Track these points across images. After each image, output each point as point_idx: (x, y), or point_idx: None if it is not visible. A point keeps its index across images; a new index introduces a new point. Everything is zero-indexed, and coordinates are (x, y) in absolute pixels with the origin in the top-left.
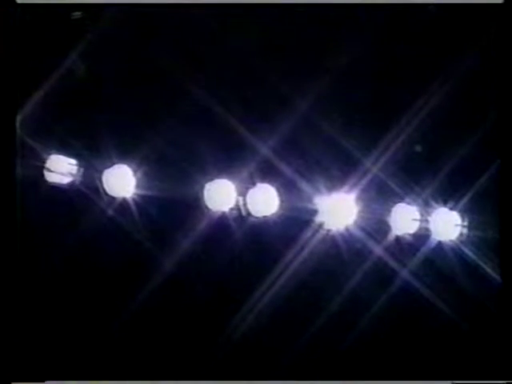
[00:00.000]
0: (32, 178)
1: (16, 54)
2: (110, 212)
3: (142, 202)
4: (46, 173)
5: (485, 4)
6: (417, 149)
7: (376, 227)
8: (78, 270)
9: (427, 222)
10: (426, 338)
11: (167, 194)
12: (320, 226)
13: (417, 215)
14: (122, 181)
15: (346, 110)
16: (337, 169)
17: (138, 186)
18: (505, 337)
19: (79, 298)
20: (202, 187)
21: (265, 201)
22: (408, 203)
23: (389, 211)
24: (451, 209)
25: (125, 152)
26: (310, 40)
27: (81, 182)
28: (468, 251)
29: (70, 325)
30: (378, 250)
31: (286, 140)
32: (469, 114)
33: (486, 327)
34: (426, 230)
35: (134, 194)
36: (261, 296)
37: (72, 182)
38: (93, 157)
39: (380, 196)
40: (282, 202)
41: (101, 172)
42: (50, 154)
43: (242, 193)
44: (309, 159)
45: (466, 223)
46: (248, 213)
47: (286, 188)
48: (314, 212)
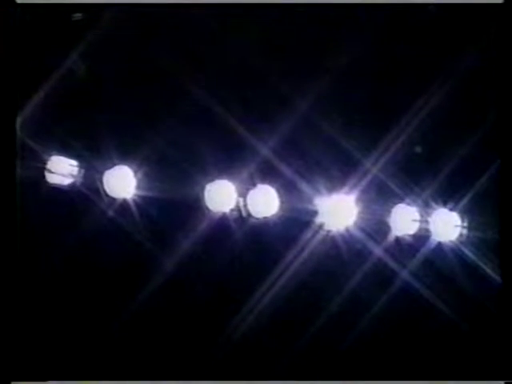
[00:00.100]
0: (33, 179)
1: (16, 54)
2: (111, 213)
3: (142, 203)
4: (46, 174)
5: (485, 4)
6: (417, 150)
7: (376, 228)
8: (78, 271)
9: (427, 222)
10: (425, 338)
11: (168, 195)
12: (320, 226)
13: (417, 216)
14: (122, 182)
15: (346, 110)
16: (337, 169)
17: (138, 186)
18: (505, 337)
19: (80, 299)
20: (203, 188)
21: (265, 202)
22: (408, 204)
23: (389, 212)
24: (451, 209)
25: (125, 153)
26: (310, 40)
27: (81, 183)
28: (468, 252)
29: (70, 325)
30: (377, 251)
31: (286, 140)
32: (469, 113)
33: (486, 327)
34: (426, 230)
35: (134, 194)
36: (261, 296)
37: (73, 183)
38: (93, 158)
39: (380, 197)
40: (282, 202)
41: (101, 173)
42: (50, 155)
43: (243, 194)
44: (309, 160)
45: (466, 224)
46: (248, 214)
47: (286, 189)
48: (314, 213)
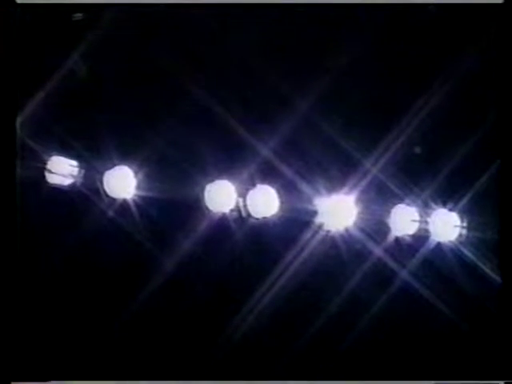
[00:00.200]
0: (33, 179)
1: (16, 54)
2: (111, 213)
3: (142, 204)
4: (46, 174)
5: (485, 4)
6: (416, 150)
7: (375, 228)
8: (78, 271)
9: (426, 223)
10: (425, 338)
11: (168, 195)
12: (320, 227)
13: (416, 216)
14: (122, 182)
15: (346, 110)
16: (336, 170)
17: (138, 187)
18: (505, 337)
19: (80, 299)
20: (203, 188)
21: (265, 202)
22: (407, 204)
23: (388, 212)
24: (450, 210)
25: (125, 153)
26: (310, 40)
27: (82, 184)
28: (467, 252)
29: (71, 325)
30: (377, 251)
31: (285, 141)
32: (469, 114)
33: (486, 327)
34: (426, 230)
35: (134, 195)
36: (261, 296)
37: (73, 184)
38: (93, 158)
39: (379, 197)
40: (281, 203)
41: (102, 173)
42: (50, 156)
43: (243, 194)
44: (309, 160)
45: (466, 224)
46: (248, 214)
47: (286, 189)
48: (314, 213)
